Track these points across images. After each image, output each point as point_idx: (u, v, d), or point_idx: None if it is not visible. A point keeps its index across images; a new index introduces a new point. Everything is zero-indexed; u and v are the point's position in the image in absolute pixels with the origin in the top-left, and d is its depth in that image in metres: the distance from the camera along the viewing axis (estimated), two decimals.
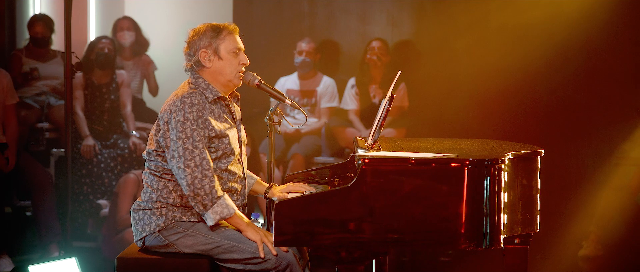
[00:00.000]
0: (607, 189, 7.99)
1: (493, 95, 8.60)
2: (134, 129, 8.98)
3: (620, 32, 8.44)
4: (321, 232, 4.59)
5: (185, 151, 4.87)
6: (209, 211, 4.89)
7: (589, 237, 7.99)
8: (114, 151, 8.84)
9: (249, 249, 4.93)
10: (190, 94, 4.97)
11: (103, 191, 8.76)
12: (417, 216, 4.57)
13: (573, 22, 8.43)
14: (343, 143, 9.11)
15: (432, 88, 9.08)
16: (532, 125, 8.59)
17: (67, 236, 7.27)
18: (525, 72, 8.57)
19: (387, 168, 4.60)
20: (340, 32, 9.77)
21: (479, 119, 8.66)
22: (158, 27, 10.06)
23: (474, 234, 4.59)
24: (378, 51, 9.08)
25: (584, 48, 8.49)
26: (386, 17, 9.69)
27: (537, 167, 5.08)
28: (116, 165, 8.80)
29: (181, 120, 4.90)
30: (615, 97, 8.42)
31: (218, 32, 5.08)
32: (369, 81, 9.17)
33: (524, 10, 8.69)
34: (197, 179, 4.85)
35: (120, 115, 9.03)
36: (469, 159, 4.60)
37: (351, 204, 4.58)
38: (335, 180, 5.66)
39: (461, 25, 9.10)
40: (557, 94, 8.59)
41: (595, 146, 8.32)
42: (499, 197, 4.61)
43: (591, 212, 8.00)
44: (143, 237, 5.08)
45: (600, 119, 8.47)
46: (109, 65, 8.92)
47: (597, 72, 8.55)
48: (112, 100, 8.98)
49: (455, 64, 9.10)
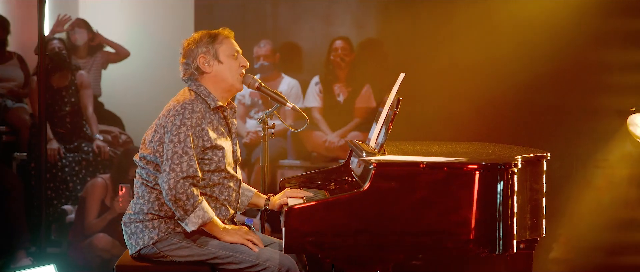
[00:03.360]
0: (576, 191, 8.03)
1: (462, 96, 8.59)
2: (97, 132, 8.79)
3: (600, 34, 8.48)
4: (332, 237, 4.54)
5: (174, 154, 4.77)
6: (190, 216, 4.78)
7: (559, 239, 8.02)
8: (78, 154, 8.65)
9: (247, 258, 4.85)
10: (192, 100, 4.88)
11: (68, 196, 8.56)
12: (429, 220, 4.54)
13: (544, 23, 8.45)
14: (309, 146, 9.04)
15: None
16: (504, 126, 8.58)
17: (42, 243, 7.09)
18: (493, 71, 8.56)
19: (399, 172, 4.56)
20: (304, 34, 9.68)
21: (447, 120, 8.64)
22: (114, 29, 9.87)
23: (487, 240, 4.56)
24: (341, 51, 9.04)
25: (562, 48, 8.50)
26: (350, 19, 9.64)
27: (543, 170, 5.07)
28: (81, 169, 8.61)
29: (178, 125, 4.80)
30: (598, 99, 8.45)
31: (214, 38, 5.02)
32: (333, 80, 9.12)
33: (492, 9, 8.69)
34: (179, 184, 4.74)
35: (82, 118, 8.84)
36: (482, 163, 4.56)
37: (363, 209, 4.53)
38: (330, 185, 5.61)
39: (426, 25, 9.07)
40: (532, 95, 8.60)
41: (575, 148, 8.34)
42: (512, 201, 4.58)
43: (562, 214, 8.03)
44: (138, 251, 4.96)
45: (580, 122, 8.50)
46: (61, 65, 8.70)
47: (576, 74, 8.58)
48: (73, 103, 8.77)
49: (421, 64, 9.06)
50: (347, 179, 5.59)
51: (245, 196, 5.28)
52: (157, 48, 10.00)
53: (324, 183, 5.69)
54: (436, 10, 9.00)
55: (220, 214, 4.95)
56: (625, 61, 8.31)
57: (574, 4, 8.35)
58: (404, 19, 9.27)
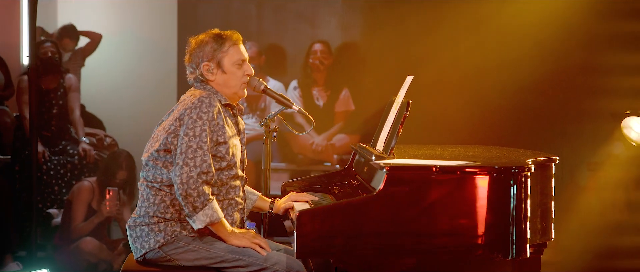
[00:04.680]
0: (567, 194, 8.04)
1: (450, 99, 8.58)
2: (83, 135, 8.69)
3: (594, 36, 8.49)
4: (344, 241, 4.49)
5: (188, 148, 4.68)
6: (199, 213, 4.68)
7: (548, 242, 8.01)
8: (63, 157, 8.55)
9: (255, 261, 4.78)
10: (209, 96, 4.79)
11: (53, 200, 8.46)
12: (442, 224, 4.51)
13: (531, 26, 8.46)
14: (296, 149, 9.00)
15: (378, 92, 9.04)
16: (496, 129, 8.59)
17: (33, 248, 6.98)
18: (482, 75, 8.57)
19: (412, 176, 4.52)
20: (289, 36, 9.63)
21: (435, 123, 8.62)
22: (96, 30, 9.77)
23: (501, 244, 4.54)
24: (320, 55, 9.01)
25: (555, 51, 8.51)
26: (336, 21, 9.60)
27: (552, 174, 5.04)
28: (66, 172, 8.52)
29: (194, 118, 4.71)
30: (592, 102, 8.47)
31: (221, 44, 4.91)
32: (311, 83, 9.08)
33: (481, 14, 8.69)
34: (192, 179, 4.64)
35: (68, 121, 8.73)
36: (495, 167, 4.54)
37: (376, 213, 4.49)
38: (334, 188, 5.56)
39: (412, 30, 9.06)
40: (523, 98, 8.60)
41: (568, 151, 8.36)
42: (526, 205, 4.56)
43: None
44: (143, 254, 4.86)
45: (574, 124, 8.51)
46: (53, 69, 8.61)
47: (570, 77, 8.59)
48: (61, 105, 8.67)
49: (405, 68, 9.02)
50: (351, 182, 5.55)
51: (249, 199, 5.22)
52: (139, 50, 9.92)
53: (326, 187, 5.64)
54: (424, 14, 8.98)
55: (227, 215, 4.87)
56: (620, 64, 8.33)
57: (568, 7, 8.36)
58: (390, 22, 9.24)
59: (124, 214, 8.07)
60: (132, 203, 8.24)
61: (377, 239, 4.49)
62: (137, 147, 8.49)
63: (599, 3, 8.35)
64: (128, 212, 8.15)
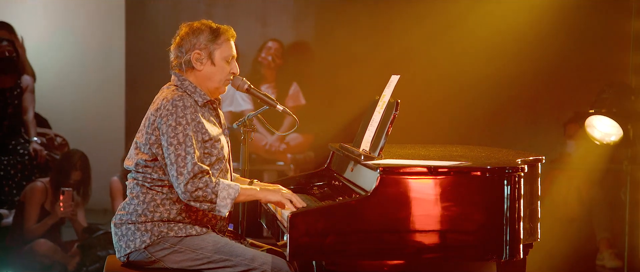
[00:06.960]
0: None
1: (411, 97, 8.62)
2: (35, 135, 8.50)
3: (562, 36, 8.58)
4: (337, 243, 4.43)
5: (177, 157, 4.61)
6: (218, 202, 4.63)
7: None
8: (13, 157, 8.37)
9: (242, 261, 4.73)
10: (181, 96, 4.70)
11: (3, 200, 8.28)
12: (435, 225, 4.48)
13: (494, 25, 8.53)
14: (249, 148, 8.90)
15: (328, 89, 9.05)
16: (461, 128, 8.63)
17: None
18: (435, 72, 8.62)
19: (406, 177, 4.48)
20: (239, 34, 9.51)
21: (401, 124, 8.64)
22: (39, 31, 9.61)
23: (495, 245, 4.52)
24: (274, 52, 8.96)
25: (523, 48, 8.57)
26: (287, 20, 9.56)
27: (538, 174, 5.03)
28: (17, 173, 8.34)
29: (173, 125, 4.64)
30: (556, 100, 8.55)
31: (216, 36, 4.83)
32: (260, 80, 9.01)
33: (431, 9, 8.73)
34: (190, 184, 4.58)
35: (21, 121, 8.53)
36: (489, 167, 4.52)
37: (369, 214, 4.44)
38: (313, 189, 5.51)
39: (364, 28, 9.07)
40: (478, 98, 8.66)
41: (537, 149, 8.43)
42: (519, 205, 4.54)
43: None
44: (127, 254, 4.78)
45: (538, 123, 8.57)
46: (10, 69, 8.42)
47: (534, 75, 8.66)
48: (16, 105, 8.48)
49: (356, 67, 9.05)
50: (331, 183, 5.48)
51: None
52: (86, 48, 9.78)
53: (304, 187, 5.58)
54: (376, 11, 8.99)
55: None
56: (589, 60, 8.45)
57: (543, 4, 8.44)
58: (341, 21, 9.24)
59: (78, 215, 7.93)
60: (87, 204, 8.11)
61: (371, 239, 4.44)
62: (84, 146, 8.36)
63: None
64: (82, 213, 8.01)
